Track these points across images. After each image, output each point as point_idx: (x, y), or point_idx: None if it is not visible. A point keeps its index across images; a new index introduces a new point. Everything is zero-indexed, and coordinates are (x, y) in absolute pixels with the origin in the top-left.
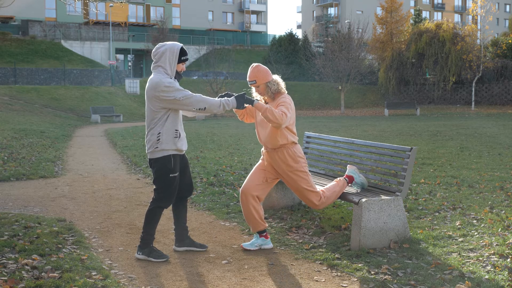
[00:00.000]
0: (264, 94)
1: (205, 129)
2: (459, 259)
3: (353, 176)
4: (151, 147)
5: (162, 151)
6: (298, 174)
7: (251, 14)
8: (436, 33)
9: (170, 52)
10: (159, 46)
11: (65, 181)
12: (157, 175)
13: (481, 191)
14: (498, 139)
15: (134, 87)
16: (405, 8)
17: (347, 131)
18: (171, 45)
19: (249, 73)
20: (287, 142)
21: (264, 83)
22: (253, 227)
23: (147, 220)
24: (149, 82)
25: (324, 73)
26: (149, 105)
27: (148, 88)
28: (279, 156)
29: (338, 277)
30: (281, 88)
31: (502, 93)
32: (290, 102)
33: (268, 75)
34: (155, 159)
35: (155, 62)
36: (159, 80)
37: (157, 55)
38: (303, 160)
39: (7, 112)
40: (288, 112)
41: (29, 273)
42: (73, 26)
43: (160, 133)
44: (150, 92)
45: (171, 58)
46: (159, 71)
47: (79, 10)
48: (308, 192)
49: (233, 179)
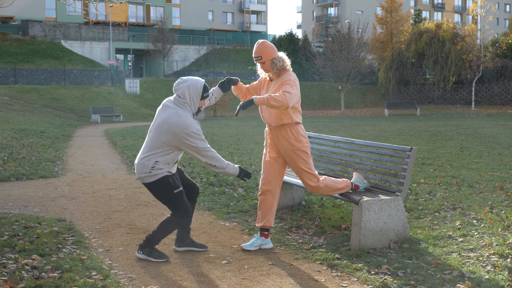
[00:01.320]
0: (269, 71)
1: (205, 129)
2: (459, 259)
3: (359, 185)
4: (143, 171)
5: (156, 175)
6: (299, 154)
7: (251, 14)
8: (436, 33)
9: (193, 90)
10: (182, 81)
11: (65, 181)
12: (162, 197)
13: (481, 191)
14: (498, 139)
15: (134, 87)
16: (405, 8)
17: (347, 131)
18: (194, 82)
19: (255, 49)
20: (291, 122)
21: (270, 60)
22: (266, 221)
23: (161, 229)
24: (176, 117)
25: (324, 73)
26: (163, 136)
27: (173, 123)
28: (281, 134)
29: (338, 277)
30: (286, 65)
31: (502, 93)
32: (295, 79)
33: (274, 52)
34: (150, 184)
35: (181, 98)
36: (189, 124)
37: (180, 90)
38: (306, 140)
39: (7, 112)
40: (293, 89)
41: (29, 273)
42: (73, 26)
43: (158, 162)
44: (175, 129)
45: (194, 95)
46: (186, 108)
47: (79, 10)
48: (306, 173)
49: (233, 179)
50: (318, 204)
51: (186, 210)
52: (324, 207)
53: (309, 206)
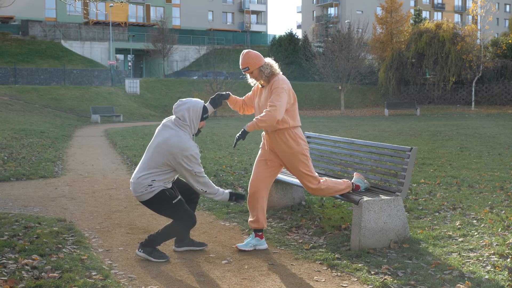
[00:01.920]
0: (258, 79)
1: (205, 129)
2: (459, 259)
3: (360, 185)
4: (139, 190)
5: (151, 192)
6: (298, 157)
7: (251, 14)
8: (436, 33)
9: (193, 112)
10: (181, 103)
11: (65, 181)
12: (163, 210)
13: (481, 191)
14: (498, 139)
15: (134, 87)
16: (405, 8)
17: (347, 131)
18: (194, 104)
19: (241, 61)
20: (288, 126)
21: (257, 68)
22: (256, 223)
23: (166, 231)
24: (177, 139)
25: (324, 73)
26: (161, 156)
27: (173, 145)
28: (280, 138)
29: (338, 277)
30: (274, 69)
31: (502, 93)
32: (283, 84)
33: (260, 60)
34: (148, 201)
35: (181, 120)
36: (189, 146)
37: (180, 113)
38: (304, 143)
39: (7, 112)
40: (278, 100)
41: (29, 273)
42: (73, 26)
43: (155, 181)
44: (174, 150)
45: (194, 117)
46: (186, 130)
47: (79, 10)
48: (307, 176)
49: (233, 179)
50: (318, 204)
51: (190, 217)
52: (324, 207)
53: (309, 206)
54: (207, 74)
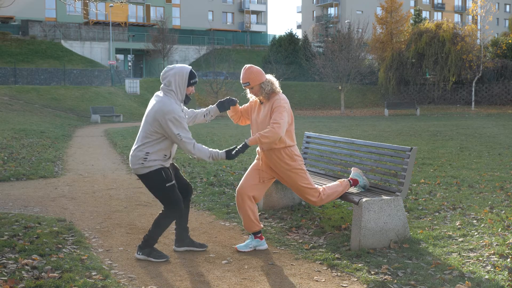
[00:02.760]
0: (258, 95)
1: (205, 129)
2: (459, 259)
3: (358, 179)
4: (136, 163)
5: (149, 167)
6: (296, 172)
7: (251, 14)
8: (436, 33)
9: (179, 76)
10: (168, 69)
11: (65, 181)
12: (154, 190)
13: (481, 191)
14: (498, 139)
15: (134, 87)
16: (405, 8)
17: (347, 131)
18: (180, 69)
19: (242, 75)
20: (284, 146)
21: (258, 84)
22: (249, 227)
23: (156, 226)
24: (161, 105)
25: (324, 73)
26: (149, 125)
27: (157, 110)
28: (276, 155)
29: (338, 277)
30: (275, 87)
31: (502, 93)
32: (285, 103)
33: (261, 76)
34: (143, 175)
35: (166, 85)
36: (172, 109)
37: (167, 79)
38: (300, 158)
39: (7, 112)
40: (282, 116)
41: (29, 273)
42: (73, 26)
43: (149, 153)
44: (157, 115)
45: (180, 82)
46: (171, 95)
47: (79, 10)
48: (306, 189)
49: (233, 179)
50: None
51: (177, 204)
52: (324, 207)
53: (309, 206)
54: (207, 74)
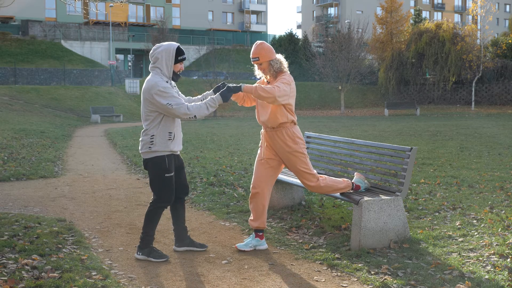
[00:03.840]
0: (266, 73)
1: (205, 129)
2: (459, 259)
3: (360, 186)
4: (144, 147)
5: (155, 152)
6: (296, 155)
7: (251, 14)
8: (436, 33)
9: (166, 53)
10: (156, 47)
11: (65, 181)
12: (153, 175)
13: (481, 191)
14: (498, 139)
15: (134, 87)
16: (405, 8)
17: (347, 131)
18: (167, 46)
19: (253, 50)
20: (287, 121)
21: (267, 61)
22: (260, 222)
23: (147, 220)
24: (146, 83)
25: (324, 73)
26: (143, 106)
27: (144, 89)
28: (278, 136)
29: (338, 277)
30: (283, 67)
31: (502, 93)
32: (290, 81)
33: (272, 53)
34: (149, 159)
35: (153, 63)
36: (155, 83)
37: (154, 56)
38: (302, 141)
39: (7, 112)
40: (284, 86)
41: (29, 273)
42: (73, 26)
43: (154, 136)
44: (145, 94)
45: (167, 59)
46: (156, 72)
47: (79, 10)
48: (304, 173)
49: (233, 179)
50: (318, 204)
51: (169, 198)
52: (324, 207)
53: (309, 206)
54: (207, 74)
